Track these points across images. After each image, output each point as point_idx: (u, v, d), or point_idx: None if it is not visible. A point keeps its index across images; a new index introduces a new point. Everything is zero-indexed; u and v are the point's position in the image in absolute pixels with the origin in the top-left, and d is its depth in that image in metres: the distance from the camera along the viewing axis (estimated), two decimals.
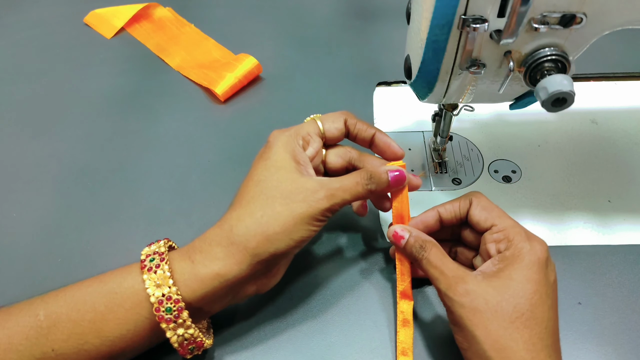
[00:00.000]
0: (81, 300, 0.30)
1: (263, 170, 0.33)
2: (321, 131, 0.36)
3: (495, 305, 0.28)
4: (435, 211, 0.36)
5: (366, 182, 0.33)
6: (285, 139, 0.34)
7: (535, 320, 0.28)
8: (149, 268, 0.30)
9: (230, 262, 0.30)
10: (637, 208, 0.43)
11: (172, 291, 0.29)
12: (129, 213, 0.45)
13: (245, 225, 0.31)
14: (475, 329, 0.28)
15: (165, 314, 0.29)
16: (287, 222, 0.31)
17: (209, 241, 0.31)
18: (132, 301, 0.30)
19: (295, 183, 0.32)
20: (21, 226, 0.44)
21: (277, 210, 0.31)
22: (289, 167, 0.33)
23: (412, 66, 0.35)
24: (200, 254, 0.31)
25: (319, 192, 0.32)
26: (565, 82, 0.29)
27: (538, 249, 0.30)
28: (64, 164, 0.49)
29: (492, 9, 0.29)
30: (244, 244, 0.30)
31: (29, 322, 0.29)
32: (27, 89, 0.58)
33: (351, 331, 0.36)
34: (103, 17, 0.67)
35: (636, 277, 0.38)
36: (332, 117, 0.37)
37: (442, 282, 0.30)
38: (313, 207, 0.31)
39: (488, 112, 0.52)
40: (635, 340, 0.35)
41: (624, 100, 0.53)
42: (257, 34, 0.65)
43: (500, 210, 0.33)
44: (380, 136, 0.37)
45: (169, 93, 0.57)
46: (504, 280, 0.29)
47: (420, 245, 0.33)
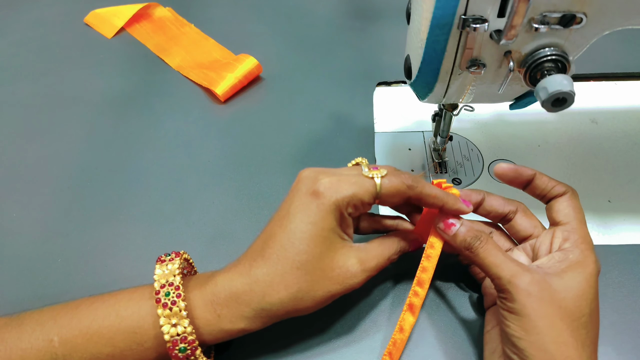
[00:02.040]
0: (97, 334, 0.29)
1: (307, 239, 0.30)
2: (377, 192, 0.32)
3: (560, 301, 0.28)
4: (534, 173, 0.35)
5: (396, 257, 0.35)
6: (335, 202, 0.31)
7: (592, 325, 0.29)
8: (164, 304, 0.29)
9: (258, 323, 0.31)
10: (637, 208, 0.43)
11: (187, 332, 0.29)
12: (129, 213, 0.45)
13: (280, 298, 0.30)
14: (539, 319, 0.28)
15: (179, 353, 0.29)
16: (320, 300, 0.31)
17: (237, 299, 0.30)
18: (152, 342, 0.29)
19: (335, 260, 0.31)
20: (21, 226, 0.44)
21: (314, 288, 0.31)
22: (333, 238, 0.31)
23: (412, 66, 0.35)
24: (227, 310, 0.30)
25: (357, 275, 0.32)
26: (565, 82, 0.29)
27: (598, 263, 0.31)
28: (64, 164, 0.49)
29: (492, 9, 0.29)
30: (274, 312, 0.31)
31: (43, 347, 0.29)
32: (27, 89, 0.58)
33: (351, 331, 0.36)
34: (103, 17, 0.67)
35: (636, 277, 0.38)
36: (394, 190, 0.32)
37: (504, 269, 0.30)
38: (348, 289, 0.32)
39: (488, 112, 0.52)
40: (635, 340, 0.35)
41: (624, 100, 0.53)
42: (257, 34, 0.65)
43: (583, 217, 0.33)
44: (449, 205, 0.33)
45: (169, 93, 0.57)
46: (568, 281, 0.29)
47: (476, 235, 0.32)
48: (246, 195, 0.46)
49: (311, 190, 0.31)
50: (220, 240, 0.42)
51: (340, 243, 0.32)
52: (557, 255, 0.31)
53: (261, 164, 0.49)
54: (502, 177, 0.36)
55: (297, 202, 0.31)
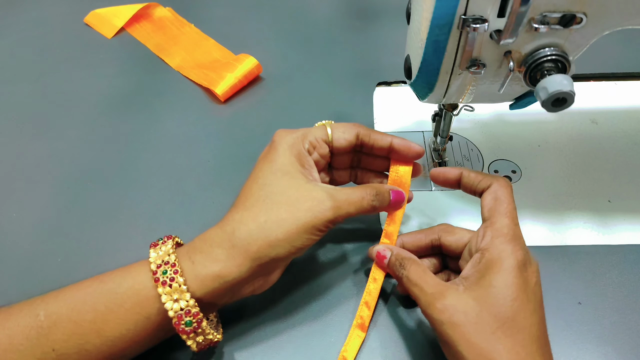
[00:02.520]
0: (81, 301, 0.30)
1: (268, 174, 0.33)
2: (329, 138, 0.35)
3: (475, 317, 0.28)
4: (460, 172, 0.35)
5: (372, 198, 0.33)
6: (291, 140, 0.34)
7: (517, 328, 0.28)
8: (163, 282, 0.29)
9: (231, 264, 0.30)
10: (637, 208, 0.43)
11: (190, 304, 0.29)
12: (129, 213, 0.45)
13: (248, 229, 0.31)
14: (457, 344, 0.28)
15: (186, 327, 0.29)
16: (290, 230, 0.31)
17: (210, 242, 0.31)
18: (132, 301, 0.30)
19: (301, 190, 0.32)
20: (21, 226, 0.44)
21: (281, 217, 0.31)
22: (294, 172, 0.33)
23: (412, 66, 0.35)
24: (201, 255, 0.31)
25: (325, 202, 0.32)
26: (565, 82, 0.29)
27: (519, 252, 0.30)
28: (64, 164, 0.49)
29: (492, 9, 0.29)
30: (245, 247, 0.30)
31: (29, 322, 0.29)
32: (27, 89, 0.58)
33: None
34: (103, 17, 0.67)
35: (636, 277, 0.38)
36: (344, 127, 0.36)
37: (421, 300, 0.30)
38: (318, 218, 0.31)
39: (488, 112, 0.52)
40: (635, 340, 0.35)
41: (624, 100, 0.53)
42: (257, 34, 0.65)
43: (509, 207, 0.32)
44: (398, 141, 0.36)
45: (169, 93, 0.57)
46: (484, 289, 0.29)
47: (400, 263, 0.33)
48: None
49: (270, 143, 0.35)
50: None
51: (304, 179, 0.33)
52: (477, 257, 0.31)
53: None
54: (436, 181, 0.37)
55: (261, 155, 0.35)
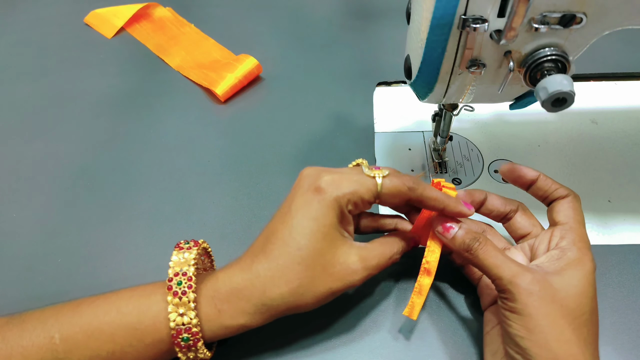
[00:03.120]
0: (98, 330, 0.29)
1: (308, 233, 0.31)
2: (378, 191, 0.32)
3: (562, 300, 0.28)
4: (538, 174, 0.35)
5: (398, 256, 0.34)
6: (340, 200, 0.31)
7: (592, 322, 0.29)
8: (175, 292, 0.29)
9: (258, 319, 0.31)
10: (637, 208, 0.43)
11: (192, 323, 0.29)
12: (129, 213, 0.45)
13: (280, 292, 0.30)
14: (541, 318, 0.28)
15: (182, 342, 0.29)
16: (321, 297, 0.31)
17: (238, 294, 0.30)
18: (153, 338, 0.30)
19: (336, 256, 0.31)
20: (21, 226, 0.44)
21: (314, 284, 0.31)
22: (334, 234, 0.31)
23: (412, 66, 0.35)
24: (228, 305, 0.30)
25: (357, 272, 0.32)
26: (565, 82, 0.29)
27: (594, 262, 0.31)
28: (64, 164, 0.49)
29: (492, 9, 0.29)
30: (275, 308, 0.31)
31: (44, 344, 0.29)
32: (27, 89, 0.58)
33: (351, 331, 0.36)
34: (103, 17, 0.67)
35: (636, 277, 0.38)
36: (395, 190, 0.32)
37: (505, 270, 0.30)
38: (348, 286, 0.32)
39: (488, 112, 0.52)
40: (635, 340, 0.35)
41: (624, 100, 0.53)
42: (257, 34, 0.65)
43: (583, 219, 0.33)
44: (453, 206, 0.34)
45: (169, 93, 0.57)
46: (568, 279, 0.29)
47: (475, 237, 0.32)
48: (246, 195, 0.46)
49: (313, 187, 0.32)
50: (221, 241, 0.42)
51: (340, 240, 0.32)
52: (555, 254, 0.31)
53: (261, 164, 0.49)
54: (507, 176, 0.36)
55: (299, 199, 0.32)
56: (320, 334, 0.36)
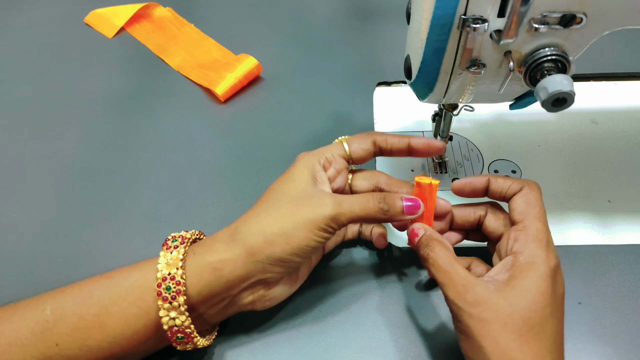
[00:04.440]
0: (88, 294, 0.30)
1: (279, 182, 0.34)
2: (347, 153, 0.36)
3: (506, 317, 0.28)
4: (487, 179, 0.35)
5: (379, 201, 0.33)
6: (307, 158, 0.35)
7: (545, 334, 0.28)
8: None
9: (228, 257, 0.31)
10: (637, 208, 0.43)
11: (177, 273, 0.30)
12: (129, 213, 0.45)
13: (247, 224, 0.32)
14: (482, 339, 0.28)
15: (164, 292, 0.30)
16: (286, 225, 0.31)
17: (214, 238, 0.33)
18: (135, 294, 0.30)
19: (304, 192, 0.33)
20: (21, 226, 0.44)
21: (280, 212, 0.31)
22: (304, 179, 0.34)
23: (412, 66, 0.35)
24: (203, 247, 0.32)
25: (325, 200, 0.32)
26: (565, 82, 0.29)
27: (551, 259, 0.30)
28: (64, 164, 0.49)
29: (492, 9, 0.29)
30: (242, 240, 0.31)
31: (35, 317, 0.30)
32: (27, 89, 0.58)
33: (351, 331, 0.36)
34: (103, 17, 0.67)
35: (636, 277, 0.38)
36: (359, 138, 0.37)
37: (450, 289, 0.29)
38: (316, 214, 0.31)
39: (488, 112, 0.52)
40: (635, 340, 0.35)
41: (624, 100, 0.53)
42: (257, 34, 0.65)
43: (540, 211, 0.32)
44: (417, 140, 0.37)
45: (169, 93, 0.57)
46: (516, 291, 0.28)
47: (427, 243, 0.32)
48: (246, 195, 0.46)
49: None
50: None
51: (311, 185, 0.33)
52: (508, 261, 0.30)
53: (261, 164, 0.49)
54: (460, 193, 0.36)
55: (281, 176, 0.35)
56: (321, 335, 0.36)
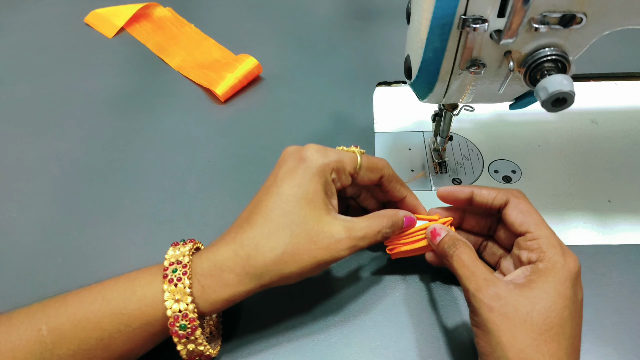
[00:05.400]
0: (85, 319, 0.29)
1: (292, 200, 0.31)
2: (356, 169, 0.34)
3: (525, 315, 0.28)
4: (470, 190, 0.35)
5: (388, 230, 0.34)
6: (323, 166, 0.32)
7: (564, 336, 0.28)
8: (170, 279, 0.30)
9: (241, 290, 0.30)
10: (637, 208, 0.43)
11: (189, 309, 0.29)
12: (129, 213, 0.45)
13: (264, 260, 0.30)
14: (501, 335, 0.28)
15: (179, 330, 0.29)
16: (305, 267, 0.31)
17: (222, 267, 0.30)
18: (140, 322, 0.30)
19: (320, 224, 0.31)
20: (21, 226, 0.44)
21: (299, 252, 0.30)
22: (318, 201, 0.32)
23: (412, 66, 0.35)
24: (211, 279, 0.30)
25: (342, 242, 0.31)
26: (565, 82, 0.29)
27: (572, 264, 0.30)
28: (64, 164, 0.49)
29: (492, 9, 0.29)
30: (258, 276, 0.30)
31: (31, 337, 0.29)
32: (27, 89, 0.58)
33: (351, 331, 0.36)
34: (103, 17, 0.67)
35: (636, 277, 0.38)
36: (372, 165, 0.35)
37: (472, 282, 0.30)
38: (333, 257, 0.31)
39: (488, 112, 0.52)
40: (636, 340, 0.35)
41: (624, 100, 0.53)
42: (257, 34, 0.65)
43: (538, 217, 0.32)
44: (411, 199, 0.36)
45: (169, 93, 0.57)
46: (536, 292, 0.29)
47: (453, 242, 0.33)
48: (246, 195, 0.45)
49: (298, 157, 0.33)
50: None
51: (325, 209, 0.32)
52: (527, 267, 0.31)
53: (261, 164, 0.49)
54: (444, 201, 0.36)
55: (284, 169, 0.33)
56: (321, 335, 0.36)
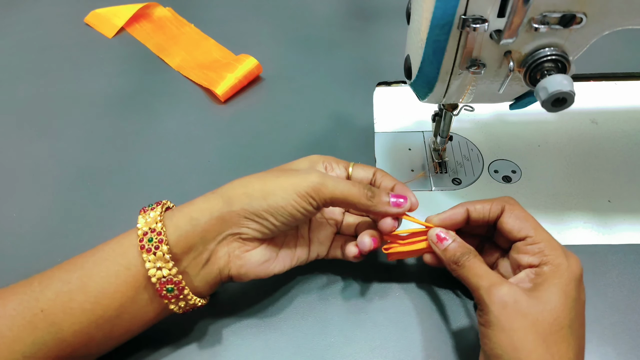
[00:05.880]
0: (72, 262, 0.32)
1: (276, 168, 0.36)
2: (349, 174, 0.37)
3: (537, 315, 0.28)
4: (465, 209, 0.35)
5: (365, 189, 0.33)
6: (313, 156, 0.37)
7: (573, 336, 0.28)
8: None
9: (204, 206, 0.32)
10: (637, 208, 0.43)
11: (172, 273, 0.31)
12: (129, 213, 0.44)
13: (232, 185, 0.33)
14: (514, 332, 0.28)
15: (147, 244, 0.31)
16: (268, 184, 0.32)
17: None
18: (115, 252, 0.31)
19: (294, 166, 0.35)
20: (21, 226, 0.44)
21: (266, 176, 0.33)
22: (301, 165, 0.36)
23: (412, 66, 0.35)
24: (183, 205, 0.33)
25: (313, 172, 0.33)
26: (565, 82, 0.29)
27: (575, 266, 0.30)
28: (64, 164, 0.49)
29: (492, 9, 0.29)
30: (222, 193, 0.33)
31: (22, 289, 0.31)
32: (27, 89, 0.58)
33: (351, 331, 0.36)
34: (103, 17, 0.67)
35: (636, 277, 0.38)
36: (365, 167, 0.37)
37: (484, 280, 0.30)
38: (299, 179, 0.32)
39: (488, 112, 0.52)
40: (636, 340, 0.35)
41: (624, 100, 0.53)
42: (257, 34, 0.65)
43: (535, 222, 0.33)
44: (399, 187, 0.36)
45: (169, 93, 0.57)
46: (545, 294, 0.29)
47: (464, 252, 0.32)
48: None
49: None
50: None
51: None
52: (531, 271, 0.31)
53: (261, 164, 0.48)
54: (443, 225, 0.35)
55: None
56: (321, 335, 0.36)
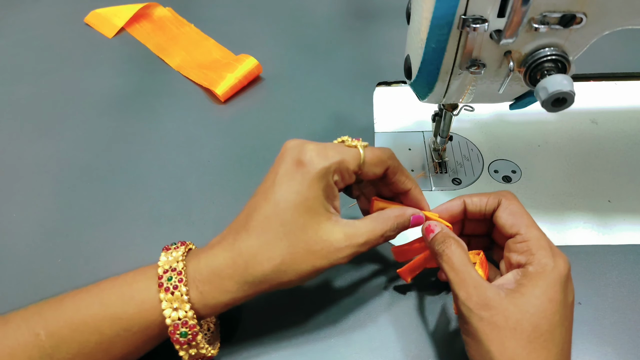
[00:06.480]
0: (83, 323, 0.29)
1: (291, 207, 0.30)
2: (360, 166, 0.33)
3: (515, 323, 0.27)
4: (462, 201, 0.34)
5: (392, 233, 0.33)
6: (323, 170, 0.31)
7: (554, 342, 0.28)
8: (166, 288, 0.29)
9: (241, 296, 0.30)
10: (637, 208, 0.43)
11: (188, 316, 0.29)
12: (129, 213, 0.45)
13: (262, 269, 0.30)
14: (491, 344, 0.27)
15: (180, 337, 0.29)
16: (304, 274, 0.31)
17: (220, 274, 0.30)
18: (139, 326, 0.29)
19: (320, 232, 0.30)
20: (21, 226, 0.44)
21: (297, 262, 0.30)
22: (318, 207, 0.31)
23: (412, 66, 0.35)
24: (210, 286, 0.30)
25: (342, 250, 0.31)
26: (565, 82, 0.29)
27: (562, 266, 0.29)
28: (64, 164, 0.49)
29: (492, 9, 0.29)
30: (257, 284, 0.30)
31: (29, 341, 0.29)
32: (27, 89, 0.58)
33: (351, 331, 0.36)
34: (103, 17, 0.67)
35: (636, 277, 0.38)
36: (377, 158, 0.33)
37: (462, 289, 0.29)
38: (332, 264, 0.31)
39: (488, 112, 0.52)
40: (635, 340, 0.35)
41: (624, 100, 0.53)
42: (257, 34, 0.65)
43: (529, 219, 0.32)
44: (415, 193, 0.35)
45: (169, 93, 0.57)
46: (526, 298, 0.28)
47: (444, 239, 0.32)
48: (246, 195, 0.45)
49: (296, 160, 0.31)
50: None
51: (325, 215, 0.31)
52: (517, 271, 0.30)
53: (261, 164, 0.48)
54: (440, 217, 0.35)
55: (282, 172, 0.31)
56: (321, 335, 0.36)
